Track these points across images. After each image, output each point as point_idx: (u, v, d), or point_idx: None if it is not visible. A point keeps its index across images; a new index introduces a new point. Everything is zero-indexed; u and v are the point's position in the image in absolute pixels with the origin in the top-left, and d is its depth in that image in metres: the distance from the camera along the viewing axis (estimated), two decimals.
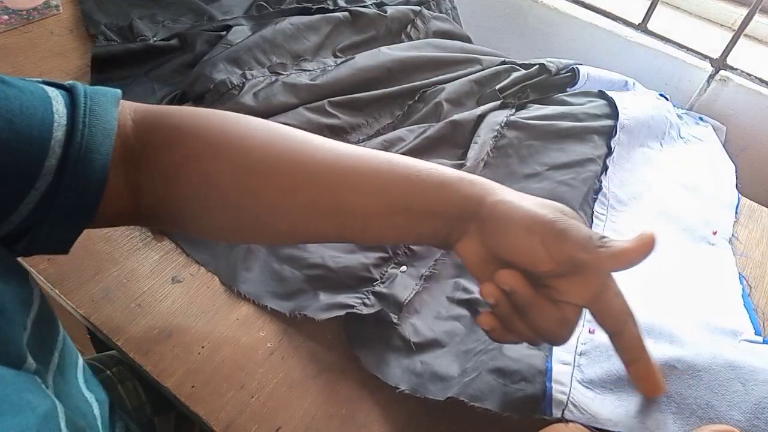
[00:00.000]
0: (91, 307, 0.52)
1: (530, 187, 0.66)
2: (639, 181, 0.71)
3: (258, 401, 0.48)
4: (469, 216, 0.40)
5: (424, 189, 0.40)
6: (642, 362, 0.39)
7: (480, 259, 0.40)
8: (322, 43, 0.80)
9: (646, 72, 0.90)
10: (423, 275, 0.58)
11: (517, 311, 0.38)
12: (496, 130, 0.70)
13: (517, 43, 0.95)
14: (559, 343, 0.39)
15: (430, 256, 0.60)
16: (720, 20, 0.96)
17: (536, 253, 0.36)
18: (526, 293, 0.37)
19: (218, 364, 0.50)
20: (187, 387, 0.48)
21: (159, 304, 0.54)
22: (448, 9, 0.94)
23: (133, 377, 0.56)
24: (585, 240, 0.36)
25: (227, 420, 0.47)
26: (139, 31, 0.79)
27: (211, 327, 0.53)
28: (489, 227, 0.39)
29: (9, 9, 0.80)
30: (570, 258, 0.36)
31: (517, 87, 0.77)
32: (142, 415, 0.56)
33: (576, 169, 0.68)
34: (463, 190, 0.40)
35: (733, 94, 0.83)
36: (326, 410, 0.49)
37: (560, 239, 0.36)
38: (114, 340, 0.50)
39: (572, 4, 0.93)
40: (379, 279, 0.56)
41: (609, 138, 0.72)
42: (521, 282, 0.37)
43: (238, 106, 0.68)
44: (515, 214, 0.37)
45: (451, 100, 0.74)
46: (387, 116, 0.74)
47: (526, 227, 0.37)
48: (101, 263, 0.56)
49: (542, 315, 0.38)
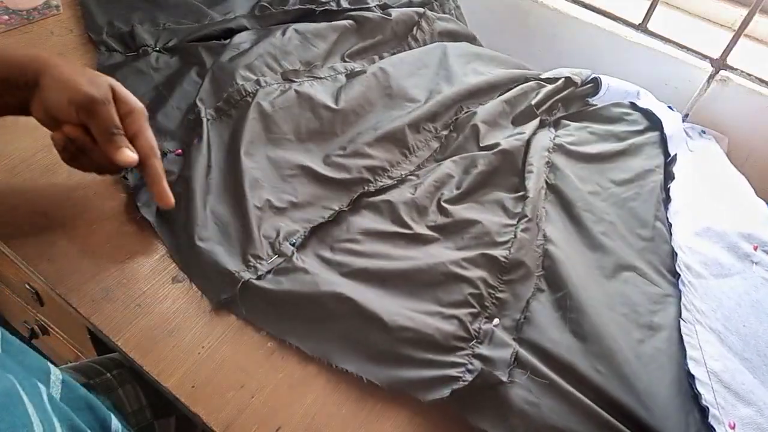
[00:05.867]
0: (91, 307, 0.52)
1: (597, 204, 0.66)
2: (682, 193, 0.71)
3: (258, 401, 0.48)
4: (33, 85, 0.52)
5: (6, 68, 0.52)
6: (160, 186, 0.55)
7: (46, 117, 0.52)
8: (330, 49, 0.79)
9: (646, 72, 0.90)
10: (519, 323, 0.54)
11: (80, 151, 0.53)
12: (545, 156, 0.70)
13: (516, 43, 0.95)
14: (112, 174, 0.59)
15: (518, 300, 0.56)
16: (720, 20, 0.96)
17: (69, 113, 0.51)
18: (85, 140, 0.52)
19: (218, 364, 0.50)
20: (187, 387, 0.48)
21: (159, 304, 0.54)
22: (452, 9, 0.94)
23: (134, 380, 0.56)
24: (104, 124, 0.51)
25: (227, 420, 0.47)
26: (140, 40, 0.77)
27: (211, 327, 0.53)
28: (44, 93, 0.51)
29: (9, 9, 0.80)
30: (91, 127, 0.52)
31: (550, 102, 0.77)
32: (142, 419, 0.56)
33: (639, 182, 0.70)
34: (29, 65, 0.52)
35: (733, 95, 0.83)
36: (326, 410, 0.49)
37: (88, 113, 0.51)
38: (114, 340, 0.50)
39: (572, 4, 0.93)
40: (475, 338, 0.52)
41: (659, 148, 0.74)
42: (79, 132, 0.52)
43: (256, 113, 0.68)
44: (60, 84, 0.51)
45: (487, 121, 0.73)
46: (424, 149, 0.71)
47: (64, 93, 0.51)
48: (101, 263, 0.56)
49: (95, 155, 0.53)
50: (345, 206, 0.62)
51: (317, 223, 0.60)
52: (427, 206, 0.63)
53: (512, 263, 0.58)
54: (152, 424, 0.57)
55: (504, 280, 0.57)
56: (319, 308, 0.53)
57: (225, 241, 0.57)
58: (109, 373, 0.56)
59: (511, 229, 0.61)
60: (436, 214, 0.63)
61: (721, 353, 0.54)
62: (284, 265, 0.55)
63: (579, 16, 0.93)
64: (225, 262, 0.55)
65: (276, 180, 0.64)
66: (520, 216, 0.62)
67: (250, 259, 0.55)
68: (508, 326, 0.54)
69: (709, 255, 0.64)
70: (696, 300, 0.59)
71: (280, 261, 0.56)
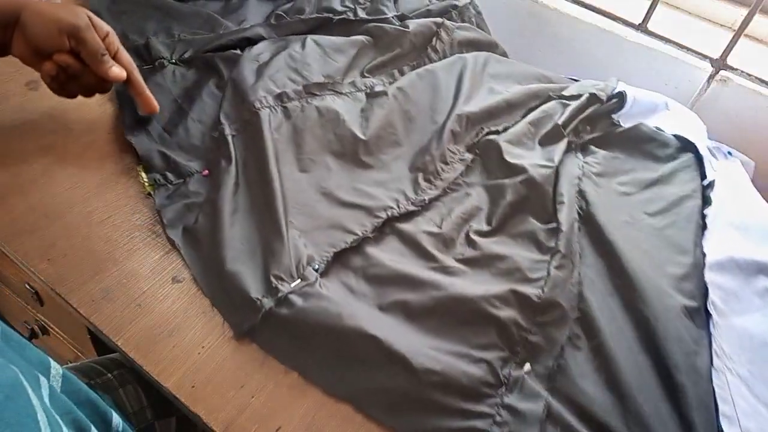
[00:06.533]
0: (91, 307, 0.52)
1: (632, 235, 0.63)
2: None
3: (258, 401, 0.48)
4: (13, 24, 0.57)
5: None
6: (145, 95, 0.65)
7: (30, 53, 0.58)
8: (350, 64, 0.78)
9: (646, 72, 0.90)
10: (552, 372, 0.51)
11: (70, 78, 0.60)
12: (575, 184, 0.68)
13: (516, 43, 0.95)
14: (101, 92, 0.65)
15: (551, 345, 0.53)
16: (720, 20, 0.96)
17: (60, 42, 0.57)
18: (75, 65, 0.59)
19: (218, 364, 0.50)
20: (187, 387, 0.48)
21: (159, 304, 0.54)
22: (472, 16, 0.92)
23: (135, 381, 0.56)
24: (93, 47, 0.58)
25: (227, 420, 0.47)
26: (156, 52, 0.76)
27: (211, 327, 0.53)
28: (28, 30, 0.57)
29: None
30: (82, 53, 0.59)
31: (576, 122, 0.75)
32: (142, 419, 0.56)
33: (674, 210, 0.67)
34: (5, 6, 0.57)
35: (733, 95, 0.83)
36: (326, 410, 0.49)
37: (77, 39, 0.58)
38: (114, 340, 0.50)
39: (572, 4, 0.93)
40: (504, 385, 0.49)
41: (694, 170, 0.71)
42: (71, 59, 0.59)
43: (279, 130, 0.67)
44: (44, 19, 0.57)
45: (512, 141, 0.71)
46: (449, 171, 0.68)
47: (52, 25, 0.57)
48: (101, 263, 0.56)
49: (84, 78, 0.61)
50: (369, 232, 0.60)
51: (341, 249, 0.58)
52: (454, 238, 0.61)
53: (546, 303, 0.54)
54: (153, 425, 0.57)
55: (537, 322, 0.54)
56: (342, 344, 0.50)
57: (250, 260, 0.55)
58: (110, 374, 0.56)
59: (544, 265, 0.58)
60: (464, 246, 0.60)
61: (755, 410, 0.51)
62: (307, 290, 0.53)
63: (579, 16, 0.93)
64: (248, 287, 0.52)
65: (299, 201, 0.62)
66: (553, 251, 0.59)
67: (273, 280, 0.53)
68: (540, 374, 0.51)
69: (729, 289, 0.60)
70: (724, 343, 0.55)
71: (303, 285, 0.53)
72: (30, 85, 0.72)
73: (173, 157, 0.65)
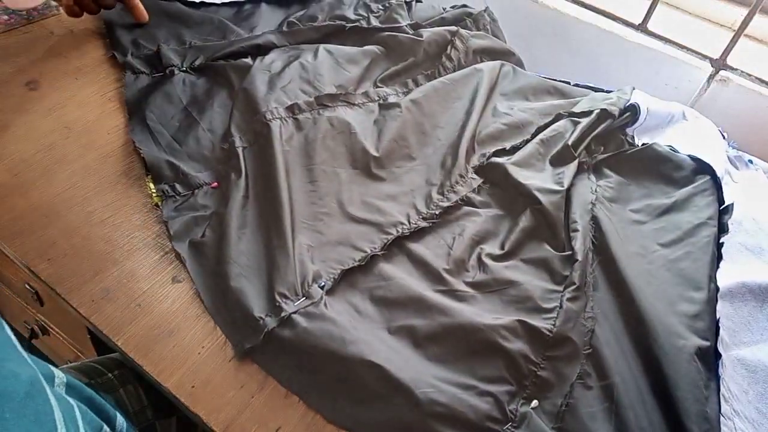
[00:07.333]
0: (91, 307, 0.52)
1: (644, 268, 0.61)
2: None
3: (258, 401, 0.48)
4: None
5: None
6: (139, 7, 0.79)
7: None
8: (363, 74, 0.78)
9: (646, 72, 0.90)
10: (561, 410, 0.49)
11: None
12: (589, 210, 0.65)
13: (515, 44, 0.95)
14: (109, 8, 0.78)
15: (561, 382, 0.51)
16: (720, 20, 0.96)
17: None
18: None
19: (218, 364, 0.50)
20: (187, 387, 0.48)
21: (159, 304, 0.54)
22: (487, 24, 0.90)
23: (135, 380, 0.56)
24: None
25: (227, 420, 0.47)
26: (167, 60, 0.75)
27: (211, 327, 0.53)
28: None
29: (9, 9, 0.80)
30: None
31: (587, 141, 0.72)
32: (143, 419, 0.56)
33: (688, 240, 0.63)
34: None
35: (733, 95, 0.83)
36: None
37: None
38: (114, 340, 0.50)
39: (572, 4, 0.93)
40: (510, 421, 0.48)
41: (710, 195, 0.67)
42: None
43: (291, 142, 0.67)
44: None
45: (518, 163, 0.69)
46: (459, 187, 0.67)
47: None
48: (101, 263, 0.56)
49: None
50: (378, 250, 0.58)
51: (348, 267, 0.56)
52: (465, 260, 0.59)
53: (557, 338, 0.52)
54: (153, 425, 0.57)
55: (547, 357, 0.52)
56: (344, 370, 0.49)
57: (255, 276, 0.54)
58: (110, 374, 0.56)
59: (557, 296, 0.56)
60: (475, 269, 0.59)
61: None
62: (311, 309, 0.51)
63: (579, 16, 0.93)
64: (252, 305, 0.51)
65: (308, 215, 0.61)
66: (567, 283, 0.57)
67: (277, 298, 0.52)
68: (548, 411, 0.49)
69: (739, 318, 0.57)
70: (731, 383, 0.53)
71: (308, 304, 0.52)
72: (30, 85, 0.72)
73: (183, 168, 0.64)
